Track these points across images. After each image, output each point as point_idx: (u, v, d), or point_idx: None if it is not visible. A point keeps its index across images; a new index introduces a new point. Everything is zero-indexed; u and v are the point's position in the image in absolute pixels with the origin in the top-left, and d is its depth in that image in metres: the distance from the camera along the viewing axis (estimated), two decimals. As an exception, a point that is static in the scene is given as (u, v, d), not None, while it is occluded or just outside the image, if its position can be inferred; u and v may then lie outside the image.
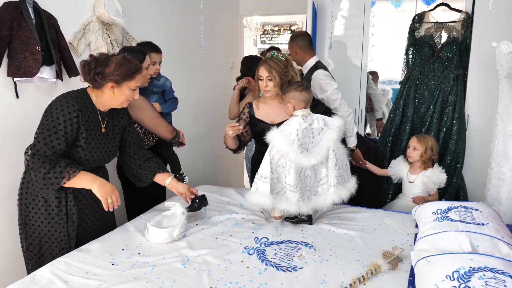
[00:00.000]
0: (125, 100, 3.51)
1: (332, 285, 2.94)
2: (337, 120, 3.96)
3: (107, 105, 3.53)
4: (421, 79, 5.69)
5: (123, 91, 3.43)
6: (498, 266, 2.58)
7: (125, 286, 2.89)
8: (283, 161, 3.80)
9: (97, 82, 3.35)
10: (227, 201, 4.54)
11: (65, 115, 3.24)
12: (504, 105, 4.22)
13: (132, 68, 3.40)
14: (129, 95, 3.48)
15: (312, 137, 3.87)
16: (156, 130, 4.41)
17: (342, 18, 6.33)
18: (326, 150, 3.84)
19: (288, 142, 3.76)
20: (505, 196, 4.33)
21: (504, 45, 3.88)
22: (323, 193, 3.94)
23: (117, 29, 4.93)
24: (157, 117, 4.39)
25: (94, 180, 3.35)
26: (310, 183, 3.92)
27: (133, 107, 4.09)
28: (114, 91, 3.40)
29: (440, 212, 3.67)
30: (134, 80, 3.44)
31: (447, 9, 5.70)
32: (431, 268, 2.73)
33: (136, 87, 3.50)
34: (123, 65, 3.36)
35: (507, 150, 4.26)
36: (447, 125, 5.47)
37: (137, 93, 3.56)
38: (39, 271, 3.05)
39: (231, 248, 3.47)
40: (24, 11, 3.78)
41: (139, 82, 3.53)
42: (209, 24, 6.94)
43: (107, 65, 3.33)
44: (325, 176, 3.93)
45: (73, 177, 3.25)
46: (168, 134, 4.46)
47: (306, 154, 3.79)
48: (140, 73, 3.51)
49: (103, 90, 3.42)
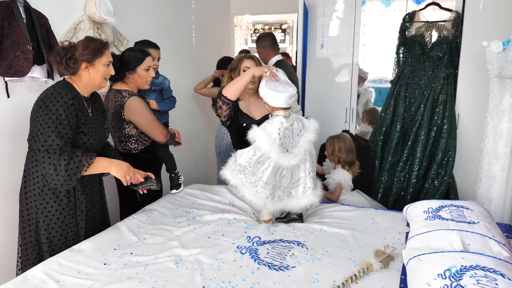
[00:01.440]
0: (102, 78, 3.61)
1: (325, 284, 2.95)
2: (313, 123, 3.99)
3: (88, 89, 3.64)
4: (412, 78, 5.71)
5: (97, 69, 3.54)
6: (490, 264, 2.59)
7: (118, 286, 2.89)
8: (263, 159, 3.81)
9: (71, 67, 3.46)
10: (219, 200, 4.54)
11: (62, 105, 3.33)
12: (495, 104, 4.23)
13: (98, 44, 3.53)
14: (105, 71, 3.59)
15: (292, 138, 3.88)
16: (150, 133, 4.43)
17: (333, 17, 6.34)
18: (304, 151, 3.87)
19: (270, 141, 3.77)
20: (495, 195, 4.34)
21: (495, 44, 3.89)
22: (296, 195, 3.95)
23: (108, 28, 4.91)
24: (152, 121, 4.41)
25: (110, 162, 3.56)
26: (285, 183, 3.93)
27: (129, 108, 4.24)
28: (89, 71, 3.51)
29: (432, 211, 3.69)
30: (104, 56, 3.55)
31: (437, 8, 5.72)
32: (423, 267, 2.74)
33: (108, 62, 3.60)
34: (89, 44, 3.48)
35: (497, 149, 4.27)
36: (437, 124, 5.49)
37: (111, 68, 3.66)
38: (31, 271, 3.05)
39: (224, 247, 3.48)
40: (15, 10, 3.76)
41: (110, 57, 3.63)
42: (200, 23, 6.95)
43: (75, 49, 3.46)
44: (301, 178, 3.95)
45: (91, 163, 3.38)
46: (162, 138, 4.48)
47: (287, 154, 3.80)
48: (108, 48, 3.61)
49: (79, 75, 3.52)
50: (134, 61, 4.35)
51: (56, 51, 3.49)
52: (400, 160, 5.65)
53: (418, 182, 5.55)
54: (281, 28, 12.15)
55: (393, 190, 5.62)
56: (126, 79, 4.40)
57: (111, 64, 3.66)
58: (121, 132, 4.41)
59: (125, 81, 4.41)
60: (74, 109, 3.41)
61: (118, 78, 4.37)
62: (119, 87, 4.37)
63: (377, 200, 5.63)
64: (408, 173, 5.59)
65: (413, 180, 5.53)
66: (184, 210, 4.28)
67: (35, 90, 4.07)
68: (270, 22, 12.18)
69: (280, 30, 12.13)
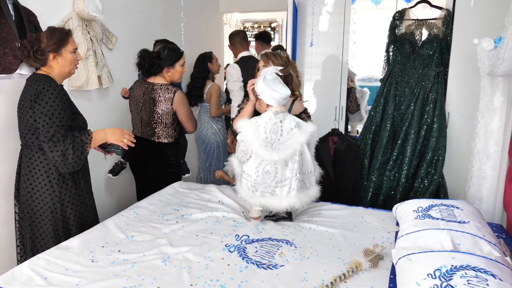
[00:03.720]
0: (72, 65, 3.81)
1: (313, 282, 2.94)
2: (311, 126, 3.96)
3: (61, 78, 3.81)
4: (402, 76, 5.68)
5: (65, 57, 3.71)
6: (480, 264, 2.58)
7: (105, 283, 2.88)
8: (245, 149, 3.90)
9: (39, 59, 3.64)
10: (208, 198, 4.53)
11: (57, 96, 3.55)
12: (485, 103, 4.22)
13: (61, 34, 3.71)
14: (72, 58, 3.77)
15: (280, 135, 3.87)
16: (185, 123, 5.05)
17: (323, 15, 6.32)
18: (292, 150, 3.82)
19: (254, 133, 3.82)
20: (486, 194, 4.34)
21: (486, 42, 3.87)
22: (280, 195, 3.90)
23: (97, 25, 4.92)
24: (191, 114, 5.09)
25: (104, 132, 3.83)
26: (268, 180, 3.90)
27: (177, 100, 4.87)
28: (58, 61, 3.69)
29: (421, 210, 3.67)
30: (69, 44, 3.74)
31: (427, 6, 5.70)
32: (412, 266, 2.73)
33: (74, 49, 3.78)
34: (53, 35, 3.65)
35: (488, 148, 4.27)
36: (427, 123, 5.46)
37: (78, 54, 3.89)
38: (19, 268, 3.05)
39: (212, 245, 3.47)
40: (3, 7, 3.77)
41: (75, 44, 3.81)
42: (190, 20, 6.96)
43: (40, 41, 3.62)
44: (288, 179, 3.89)
45: (90, 139, 3.68)
46: (193, 130, 5.18)
47: (269, 149, 3.80)
48: (71, 36, 3.80)
49: (49, 65, 3.70)
50: (173, 57, 4.92)
51: (23, 45, 3.63)
52: (390, 159, 5.62)
53: (407, 181, 5.53)
54: (270, 26, 12.13)
55: (383, 189, 5.60)
56: (164, 73, 4.94)
57: (77, 50, 3.84)
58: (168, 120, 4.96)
59: (163, 75, 4.95)
60: (64, 94, 3.67)
61: (156, 72, 4.91)
62: (159, 81, 4.92)
63: (367, 199, 5.63)
64: (398, 172, 5.57)
65: (403, 179, 5.51)
66: (172, 208, 4.27)
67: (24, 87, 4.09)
68: (260, 20, 12.18)
69: (269, 28, 12.12)
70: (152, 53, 4.90)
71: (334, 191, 5.30)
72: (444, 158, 5.40)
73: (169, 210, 4.21)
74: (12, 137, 3.98)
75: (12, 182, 3.94)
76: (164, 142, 5.00)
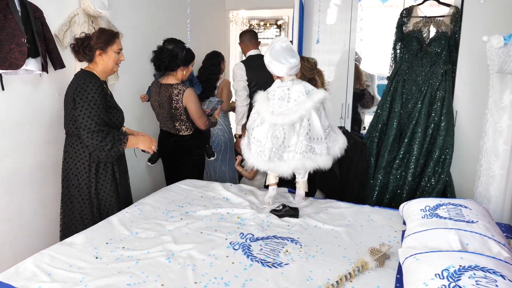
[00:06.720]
0: (115, 63, 4.21)
1: (318, 281, 2.92)
2: (320, 93, 4.10)
3: (104, 74, 4.21)
4: (409, 74, 5.65)
5: (110, 55, 4.13)
6: (489, 265, 2.54)
7: (109, 280, 2.87)
8: (256, 116, 4.16)
9: (88, 54, 4.06)
10: (213, 195, 4.54)
11: (96, 92, 3.94)
12: (495, 101, 4.18)
13: (110, 34, 4.14)
14: (116, 57, 4.19)
15: (287, 101, 4.04)
16: (196, 119, 5.27)
17: (329, 12, 6.30)
18: (297, 116, 3.97)
19: (264, 98, 4.14)
20: (494, 194, 4.29)
21: (495, 39, 3.84)
22: (288, 160, 4.05)
23: (102, 21, 4.92)
24: (201, 111, 5.28)
25: (137, 139, 4.33)
26: (276, 144, 4.03)
27: (186, 97, 5.12)
28: (103, 58, 4.10)
29: (429, 209, 3.64)
30: (115, 44, 4.16)
31: (435, 3, 5.66)
32: (420, 266, 2.70)
33: (119, 49, 4.20)
34: (102, 34, 4.09)
35: (497, 147, 4.22)
36: (435, 121, 5.43)
37: (122, 55, 4.27)
38: (23, 264, 3.05)
39: (216, 243, 3.46)
40: (10, 3, 3.77)
41: (120, 45, 4.22)
42: (196, 17, 6.97)
43: (90, 39, 4.06)
44: (294, 145, 4.02)
45: (126, 140, 4.12)
46: (204, 127, 5.37)
47: (275, 114, 4.01)
48: (118, 38, 4.21)
49: (95, 61, 4.11)
50: (190, 58, 5.32)
51: (74, 44, 4.07)
52: (396, 157, 5.59)
53: (414, 180, 5.50)
54: (276, 23, 12.10)
55: (389, 188, 5.57)
56: (178, 71, 5.25)
57: (121, 51, 4.24)
58: (183, 116, 5.27)
59: (175, 74, 5.26)
60: (103, 89, 4.04)
61: (173, 69, 5.20)
62: (171, 81, 5.22)
63: (373, 198, 5.60)
64: (404, 170, 5.53)
65: (410, 178, 5.48)
66: (177, 204, 4.27)
67: (30, 83, 4.20)
68: (266, 17, 12.13)
69: (275, 26, 12.09)
70: (172, 51, 5.12)
71: (340, 189, 5.28)
72: (452, 157, 5.36)
73: (173, 207, 4.21)
74: (16, 133, 4.01)
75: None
76: (185, 134, 5.40)
